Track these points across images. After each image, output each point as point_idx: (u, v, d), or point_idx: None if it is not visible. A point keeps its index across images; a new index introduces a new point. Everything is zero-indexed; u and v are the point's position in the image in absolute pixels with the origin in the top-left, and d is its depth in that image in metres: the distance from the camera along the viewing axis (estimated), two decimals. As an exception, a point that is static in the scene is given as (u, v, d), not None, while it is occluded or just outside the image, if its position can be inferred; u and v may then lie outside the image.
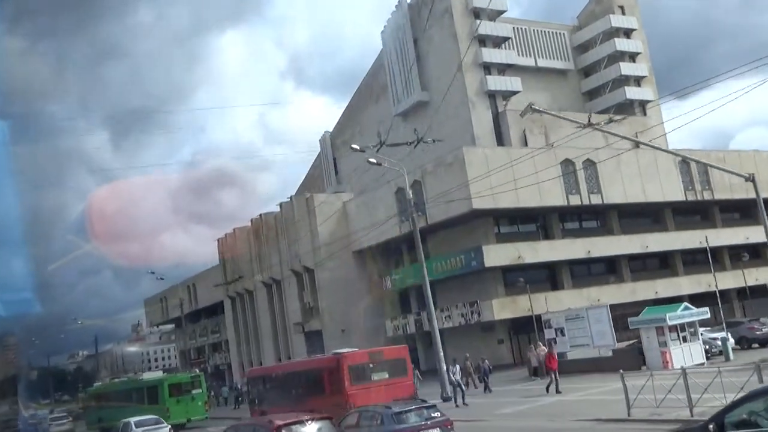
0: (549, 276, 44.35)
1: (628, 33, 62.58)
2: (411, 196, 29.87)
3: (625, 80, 60.96)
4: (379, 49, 62.22)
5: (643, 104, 61.24)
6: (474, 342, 41.85)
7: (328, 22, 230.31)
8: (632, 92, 60.66)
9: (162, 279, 51.68)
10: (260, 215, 54.67)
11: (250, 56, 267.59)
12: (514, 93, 55.25)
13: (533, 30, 60.18)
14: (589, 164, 43.25)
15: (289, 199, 51.64)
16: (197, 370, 47.42)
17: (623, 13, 62.53)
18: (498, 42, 56.01)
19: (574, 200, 42.70)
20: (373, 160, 29.28)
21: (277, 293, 53.47)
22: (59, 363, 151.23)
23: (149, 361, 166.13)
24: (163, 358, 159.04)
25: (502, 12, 56.11)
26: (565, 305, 36.94)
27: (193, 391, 41.13)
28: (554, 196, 41.83)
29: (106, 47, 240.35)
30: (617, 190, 44.10)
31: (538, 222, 44.74)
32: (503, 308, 39.94)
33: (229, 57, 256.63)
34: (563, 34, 61.95)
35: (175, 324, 78.11)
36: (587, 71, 63.21)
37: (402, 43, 57.87)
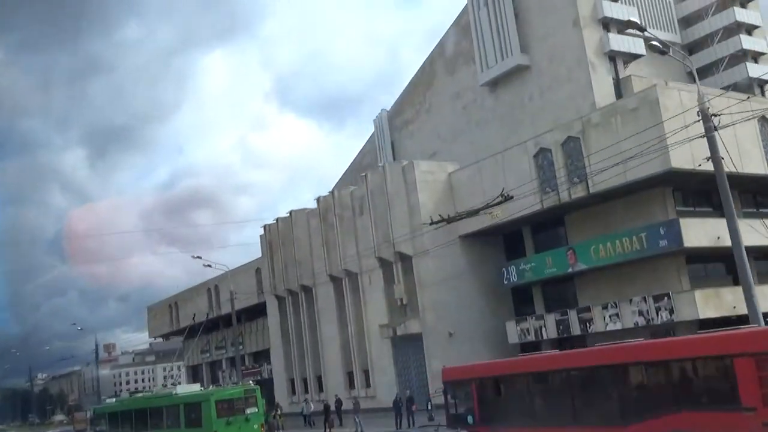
0: (729, 267, 34.61)
1: (743, 3, 54.23)
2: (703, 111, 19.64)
3: (742, 56, 52.40)
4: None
5: (761, 84, 52.82)
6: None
7: (317, 44, 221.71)
8: (755, 70, 51.99)
9: (210, 266, 40.42)
10: (331, 192, 43.87)
11: (235, 76, 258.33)
12: (636, 57, 46.16)
13: (639, -6, 51.39)
14: (785, 125, 34.08)
15: (380, 167, 40.87)
16: (251, 382, 36.49)
17: (737, -19, 54.23)
18: (615, -5, 46.93)
19: (775, 169, 33.24)
20: (655, 42, 19.32)
21: (350, 289, 42.55)
22: (18, 385, 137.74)
23: (120, 384, 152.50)
24: (143, 380, 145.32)
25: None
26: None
27: (248, 410, 30.93)
28: (755, 162, 32.42)
29: (90, 62, 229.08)
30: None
31: (713, 199, 35.12)
32: (706, 304, 29.98)
33: (214, 76, 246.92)
34: (669, 2, 53.35)
35: (185, 335, 66.18)
36: (692, 47, 54.53)
37: (495, -3, 48.27)
